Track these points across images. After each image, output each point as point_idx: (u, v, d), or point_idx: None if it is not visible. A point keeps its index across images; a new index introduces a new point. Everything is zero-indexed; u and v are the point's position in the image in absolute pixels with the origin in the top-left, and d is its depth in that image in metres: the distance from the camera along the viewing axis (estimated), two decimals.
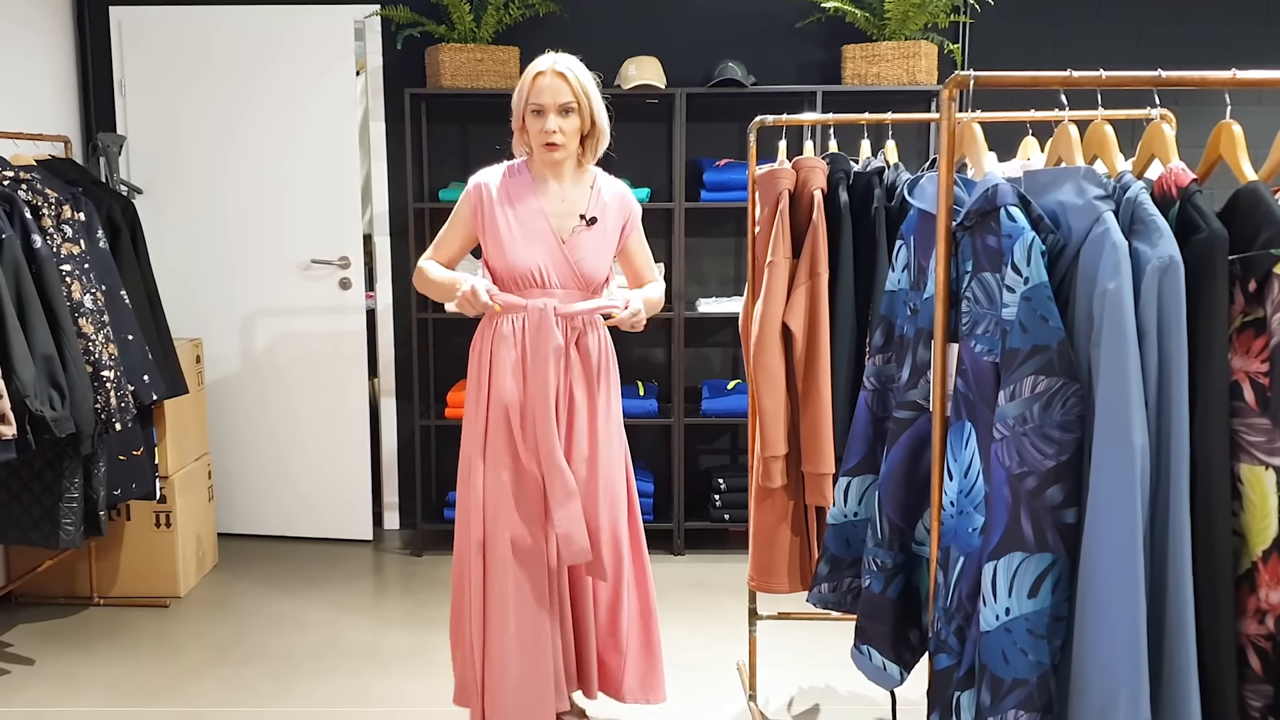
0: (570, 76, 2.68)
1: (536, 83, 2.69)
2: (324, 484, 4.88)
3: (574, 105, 2.69)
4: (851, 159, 3.05)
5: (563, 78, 2.68)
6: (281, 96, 4.67)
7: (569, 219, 2.80)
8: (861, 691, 3.39)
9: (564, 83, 2.67)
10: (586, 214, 2.80)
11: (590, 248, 2.80)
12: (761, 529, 3.06)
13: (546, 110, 2.68)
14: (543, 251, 2.76)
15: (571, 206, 2.81)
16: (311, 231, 4.73)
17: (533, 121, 2.71)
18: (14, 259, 3.20)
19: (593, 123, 2.75)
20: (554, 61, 2.70)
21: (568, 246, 2.78)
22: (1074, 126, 1.98)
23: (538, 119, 2.69)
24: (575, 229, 2.79)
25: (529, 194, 2.79)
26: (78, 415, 3.30)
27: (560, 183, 2.81)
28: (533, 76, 2.70)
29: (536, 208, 2.78)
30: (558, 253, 2.77)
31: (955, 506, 1.86)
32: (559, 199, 2.80)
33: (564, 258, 2.77)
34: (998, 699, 1.71)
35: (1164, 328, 1.67)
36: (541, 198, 2.79)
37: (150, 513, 4.19)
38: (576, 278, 2.78)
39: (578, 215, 2.80)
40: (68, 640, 3.83)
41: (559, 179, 2.81)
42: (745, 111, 4.29)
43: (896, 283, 2.17)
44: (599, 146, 2.82)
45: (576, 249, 2.79)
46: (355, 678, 3.52)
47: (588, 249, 2.80)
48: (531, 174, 2.81)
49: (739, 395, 4.65)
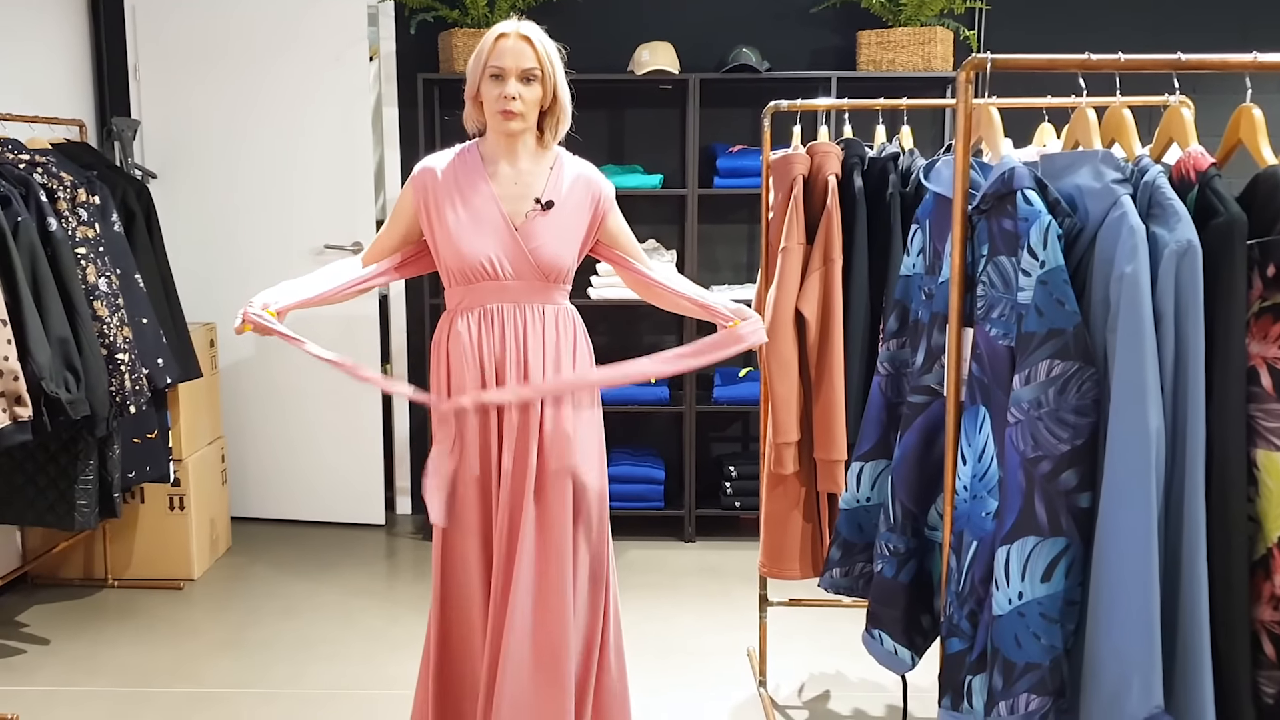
0: (535, 41, 2.43)
1: (498, 45, 2.42)
2: (337, 468, 4.89)
3: (537, 73, 2.43)
4: (866, 144, 3.04)
5: (527, 41, 2.42)
6: (295, 82, 4.67)
7: (523, 203, 2.51)
8: (872, 678, 3.39)
9: (528, 46, 2.42)
10: (542, 197, 2.51)
11: (548, 234, 2.51)
12: (773, 515, 3.06)
13: (506, 74, 2.41)
14: (493, 240, 2.48)
15: (525, 190, 2.52)
16: (324, 217, 4.74)
17: (489, 87, 2.43)
18: (30, 242, 3.21)
19: (554, 97, 2.49)
20: (519, 24, 2.46)
21: (521, 233, 2.49)
22: (1092, 110, 1.97)
23: (495, 84, 2.42)
24: (529, 213, 2.50)
25: (478, 178, 2.51)
26: (93, 398, 3.32)
27: (514, 164, 2.52)
28: (494, 38, 2.44)
29: (486, 193, 2.50)
30: (509, 241, 2.48)
31: (969, 491, 1.85)
32: (511, 182, 2.52)
33: (517, 246, 2.48)
34: (1010, 683, 1.71)
35: (1181, 312, 1.66)
36: (492, 181, 2.51)
37: (164, 496, 4.21)
38: (533, 268, 2.49)
39: (531, 199, 2.52)
40: (82, 622, 3.86)
41: (513, 160, 2.52)
42: (759, 97, 4.27)
43: (911, 267, 2.17)
44: (560, 125, 2.54)
45: (532, 236, 2.49)
46: (368, 661, 3.54)
47: (545, 236, 2.50)
48: (482, 155, 2.54)
49: (751, 383, 4.64)
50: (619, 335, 4.92)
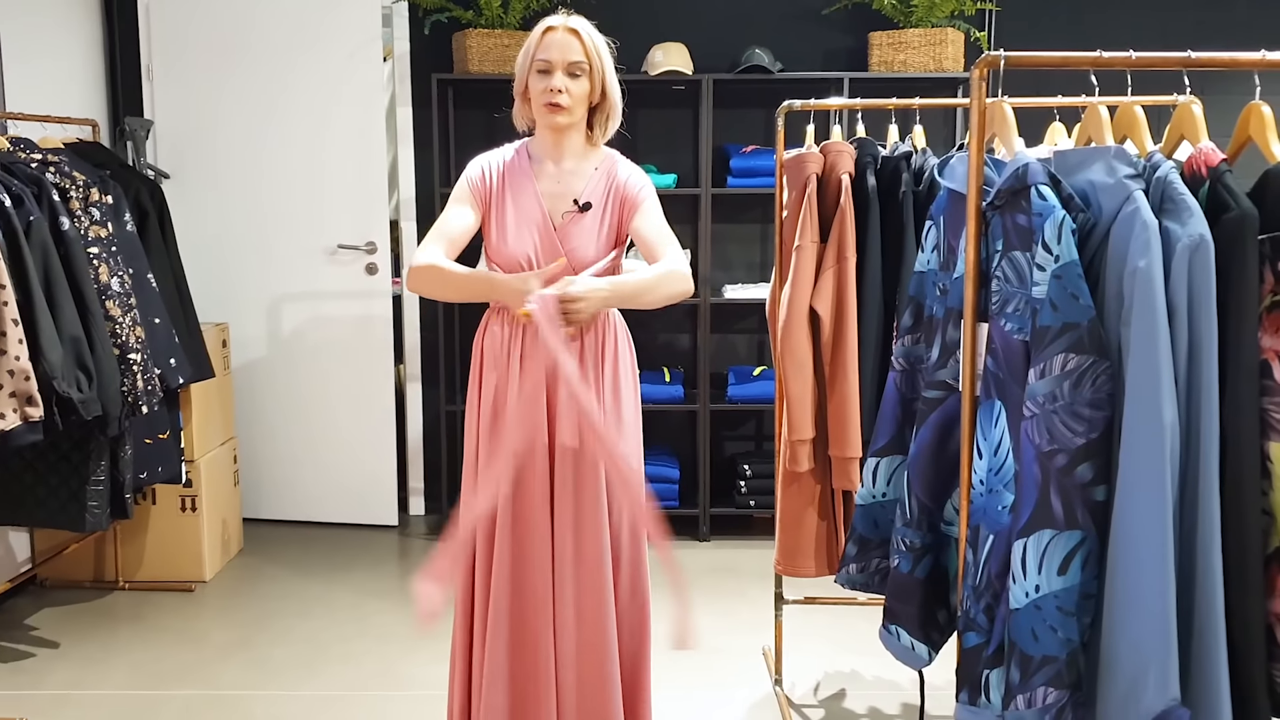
0: (584, 34, 2.42)
1: (546, 38, 2.42)
2: (350, 469, 4.90)
3: (584, 66, 2.41)
4: (879, 144, 3.05)
5: (575, 34, 2.41)
6: (308, 82, 4.69)
7: (563, 202, 2.52)
8: (887, 676, 3.39)
9: (576, 40, 2.41)
10: (580, 198, 2.51)
11: (584, 236, 2.50)
12: (788, 513, 3.06)
13: (554, 67, 2.39)
14: (534, 238, 2.49)
15: (568, 189, 2.52)
16: (338, 217, 4.75)
17: (536, 81, 2.42)
18: (42, 241, 3.22)
19: (604, 92, 2.48)
20: (567, 18, 2.45)
21: (560, 233, 2.49)
22: (1104, 108, 1.97)
23: (542, 78, 2.41)
24: (566, 214, 2.51)
25: (525, 177, 2.53)
26: (104, 398, 3.33)
27: (559, 163, 2.53)
28: (542, 31, 2.43)
29: (531, 191, 2.51)
30: (548, 240, 2.49)
31: (985, 485, 1.85)
32: (555, 181, 2.52)
33: (556, 245, 2.48)
34: (1027, 676, 1.71)
35: (1194, 306, 1.66)
36: (538, 180, 2.52)
37: (176, 497, 4.22)
38: (571, 268, 2.44)
39: (571, 199, 2.52)
40: (94, 623, 3.87)
41: (559, 158, 2.53)
42: (772, 98, 4.28)
43: (926, 263, 2.17)
44: (610, 123, 2.54)
45: (569, 236, 2.49)
46: (382, 662, 3.54)
47: (582, 237, 2.50)
48: (530, 156, 2.56)
49: (765, 381, 4.65)
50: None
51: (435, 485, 5.04)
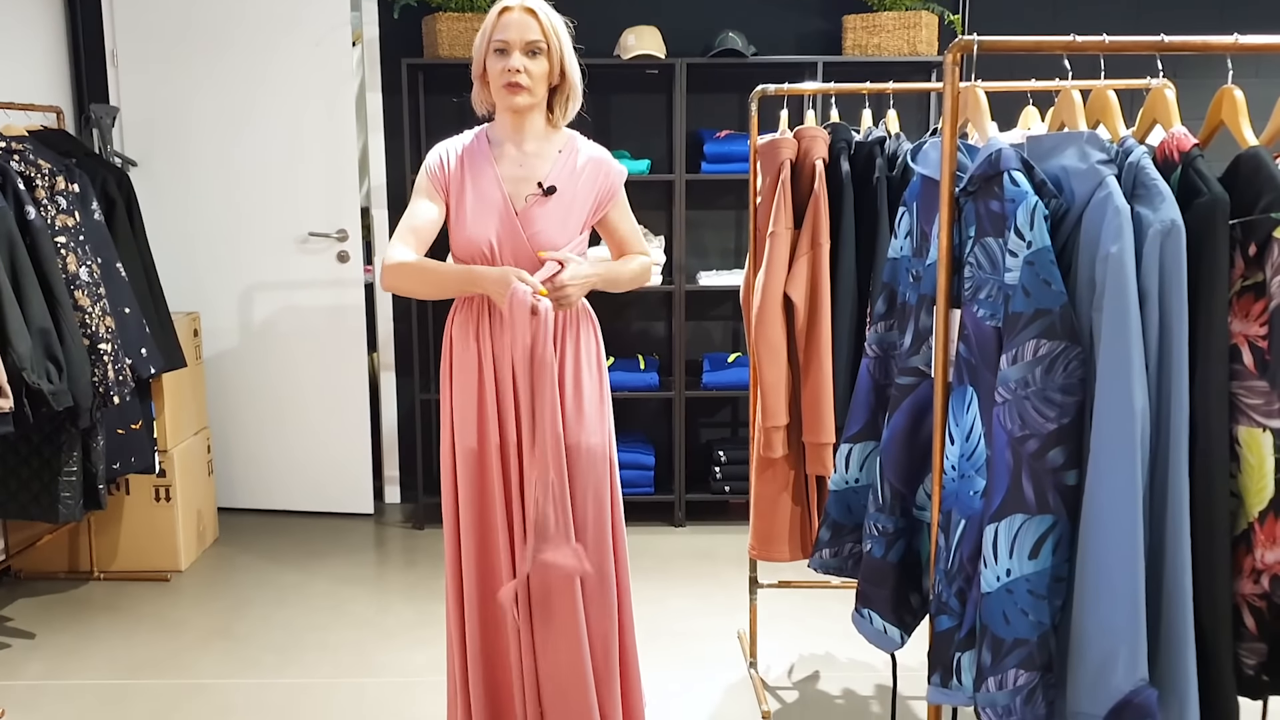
0: (540, 13, 2.41)
1: (502, 18, 2.40)
2: (324, 458, 4.88)
3: (542, 45, 2.40)
4: (853, 129, 3.05)
5: (531, 14, 2.40)
6: (276, 67, 4.64)
7: (526, 185, 2.48)
8: (861, 658, 3.41)
9: (532, 19, 2.39)
10: (545, 182, 2.48)
11: (549, 220, 2.47)
12: (763, 498, 3.07)
13: (511, 48, 2.38)
14: (495, 224, 2.44)
15: (530, 173, 2.49)
16: (308, 204, 4.72)
17: (494, 62, 2.41)
18: (7, 231, 3.19)
19: (563, 73, 2.45)
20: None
21: (521, 218, 2.45)
22: (1077, 92, 1.97)
23: (500, 59, 2.39)
24: (529, 197, 2.47)
25: (484, 161, 2.49)
26: (75, 389, 3.30)
27: (520, 147, 2.50)
28: (498, 12, 2.41)
29: (491, 175, 2.47)
30: (511, 225, 2.44)
31: (957, 470, 1.86)
32: (516, 164, 2.49)
33: (518, 230, 2.44)
34: (999, 658, 1.72)
35: (1165, 291, 1.68)
36: (498, 164, 2.49)
37: (150, 487, 4.19)
38: (531, 253, 2.44)
39: (534, 182, 2.48)
40: (69, 615, 3.84)
41: (520, 141, 2.50)
42: (745, 82, 4.26)
43: (899, 250, 2.17)
44: (570, 104, 2.51)
45: (531, 221, 2.45)
46: (359, 649, 3.54)
47: (546, 221, 2.46)
48: (490, 140, 2.53)
49: (739, 368, 4.65)
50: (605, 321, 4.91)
51: (410, 474, 5.03)
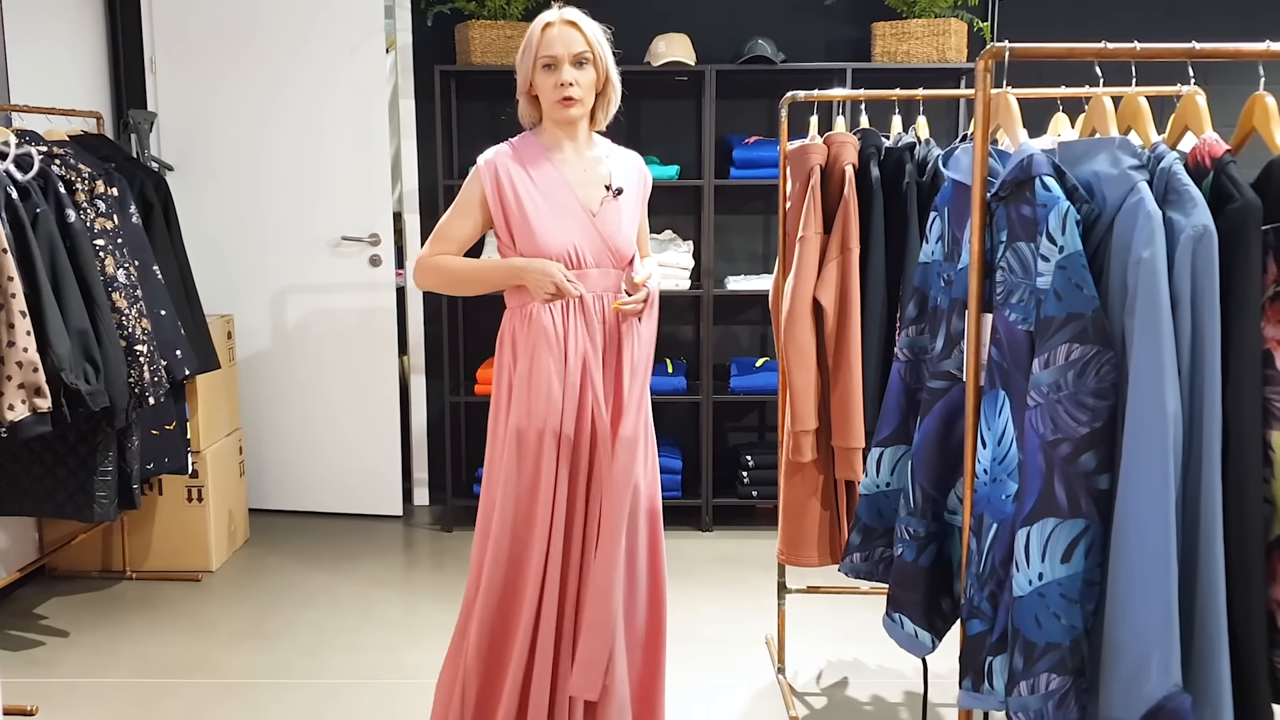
0: (583, 25, 2.46)
1: (546, 34, 2.43)
2: (355, 460, 4.92)
3: (588, 56, 2.44)
4: (883, 135, 3.05)
5: (574, 26, 2.44)
6: (312, 74, 4.70)
7: (593, 189, 2.53)
8: (890, 665, 3.41)
9: (576, 31, 2.44)
10: (612, 184, 2.54)
11: (620, 221, 2.54)
12: (791, 503, 3.08)
13: (560, 62, 2.42)
14: (575, 228, 2.49)
15: (593, 177, 2.54)
16: (342, 208, 4.77)
17: (544, 78, 2.45)
18: (49, 233, 3.24)
19: (606, 77, 2.50)
20: (561, 11, 2.48)
21: (598, 220, 2.51)
22: (1108, 98, 1.98)
23: (549, 74, 2.43)
24: (603, 200, 2.53)
25: (545, 165, 2.51)
26: (112, 389, 3.34)
27: (578, 152, 2.54)
28: (541, 28, 2.45)
29: (558, 179, 2.50)
30: (590, 228, 2.50)
31: (989, 474, 1.87)
32: (580, 169, 2.53)
33: (596, 233, 2.50)
34: (1030, 663, 1.72)
35: (1197, 296, 1.67)
36: (561, 168, 2.52)
37: (182, 487, 4.24)
38: (610, 254, 2.52)
39: (601, 185, 2.54)
40: (101, 613, 3.89)
41: (576, 147, 2.54)
42: (775, 89, 4.28)
43: (930, 254, 2.18)
44: (611, 106, 2.56)
45: (605, 223, 2.51)
46: (388, 651, 3.56)
47: (618, 222, 2.53)
48: (542, 144, 2.54)
49: (767, 372, 4.66)
50: None
51: (439, 476, 5.06)
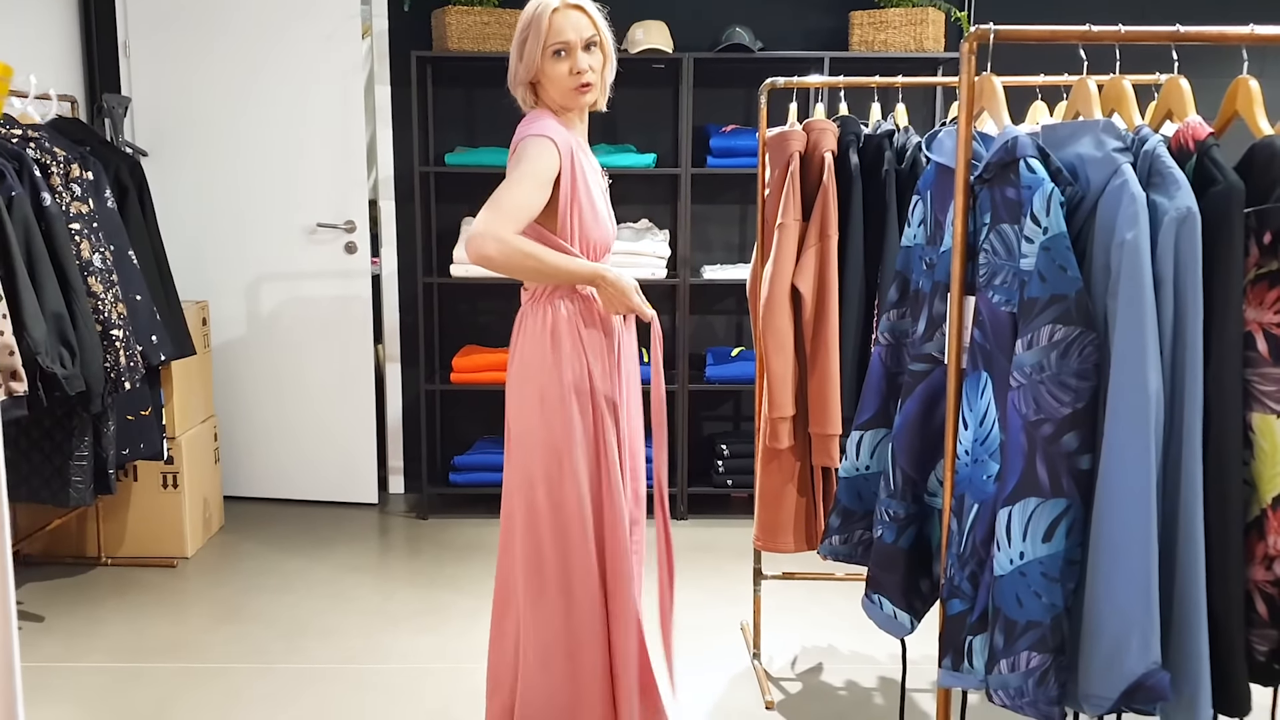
0: (587, 7, 2.36)
1: (555, 20, 2.31)
2: (330, 448, 4.90)
3: (597, 39, 2.36)
4: (862, 123, 3.07)
5: (580, 9, 2.35)
6: (287, 59, 4.66)
7: (598, 177, 2.49)
8: (864, 651, 3.43)
9: (584, 15, 2.35)
10: (603, 174, 2.53)
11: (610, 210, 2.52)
12: (768, 489, 3.09)
13: (573, 48, 2.31)
14: (607, 218, 2.46)
15: (595, 163, 2.50)
16: (317, 195, 4.74)
17: (555, 65, 2.32)
18: (24, 217, 3.20)
19: (608, 59, 2.41)
20: None
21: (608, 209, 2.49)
22: (1092, 82, 1.99)
23: (560, 61, 2.32)
24: (605, 188, 2.51)
25: (585, 155, 2.42)
26: (88, 373, 3.32)
27: (580, 136, 2.45)
28: (550, 13, 2.32)
29: (590, 166, 2.44)
30: (610, 218, 2.48)
31: (970, 455, 1.88)
32: (586, 154, 2.45)
33: (611, 223, 2.49)
34: (1011, 641, 1.74)
35: (1180, 278, 1.70)
36: (590, 156, 2.46)
37: (158, 473, 4.21)
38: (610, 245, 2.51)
39: (599, 173, 2.50)
40: (77, 599, 3.86)
41: (581, 131, 2.45)
42: (752, 77, 4.29)
43: (913, 238, 2.19)
44: (608, 89, 2.46)
45: (610, 212, 2.50)
46: (363, 635, 3.55)
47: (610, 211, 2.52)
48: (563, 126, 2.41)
49: (743, 362, 4.67)
50: None
51: (415, 464, 5.04)
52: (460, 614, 3.72)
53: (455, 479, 4.75)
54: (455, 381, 4.69)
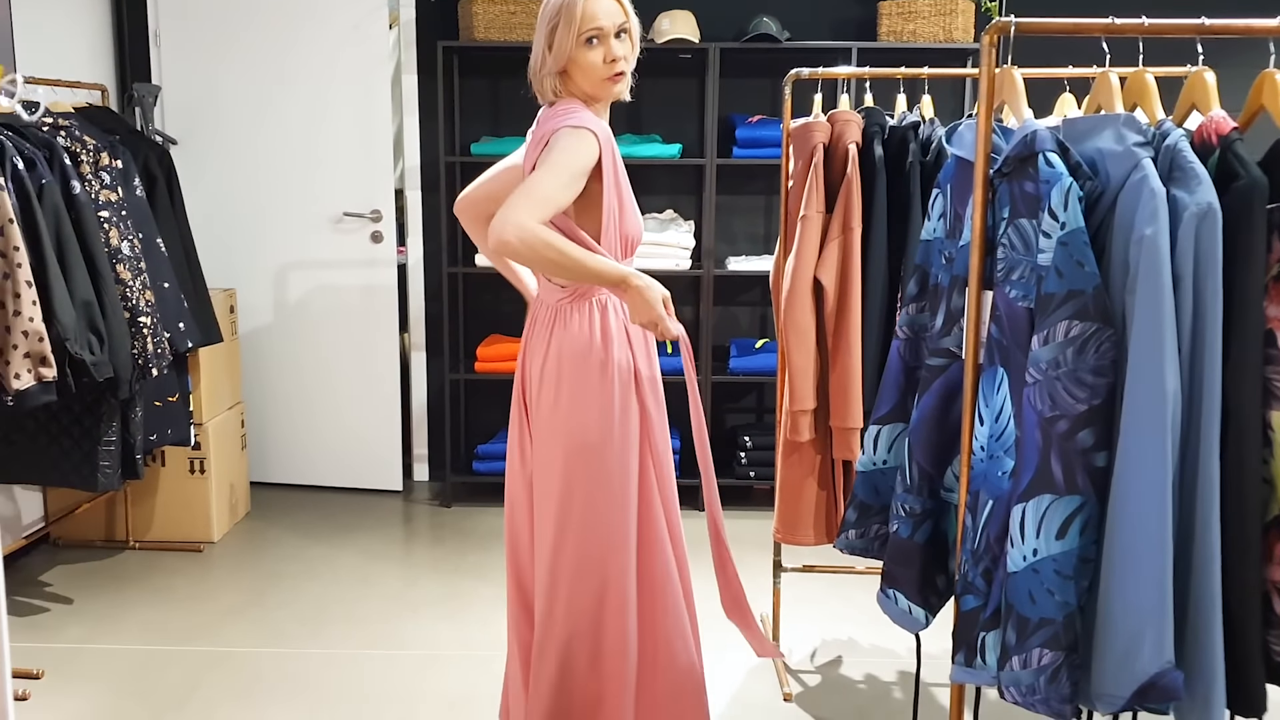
0: None
1: (588, 7, 2.22)
2: (355, 435, 4.93)
3: (628, 26, 2.28)
4: (887, 114, 3.05)
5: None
6: (314, 49, 4.68)
7: None
8: (883, 644, 3.42)
9: (615, 1, 2.27)
10: None
11: None
12: (788, 483, 3.08)
13: (606, 35, 2.23)
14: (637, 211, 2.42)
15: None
16: (344, 184, 4.76)
17: (588, 53, 2.23)
18: (54, 204, 3.24)
19: (635, 48, 2.33)
20: None
21: None
22: (1115, 75, 1.97)
23: (593, 49, 2.23)
24: None
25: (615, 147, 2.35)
26: (116, 360, 3.35)
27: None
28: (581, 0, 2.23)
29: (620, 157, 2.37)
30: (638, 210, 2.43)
31: (986, 451, 1.87)
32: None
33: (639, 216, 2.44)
34: (1023, 638, 1.73)
35: (1200, 274, 1.68)
36: None
37: (185, 459, 4.25)
38: None
39: None
40: (105, 582, 3.91)
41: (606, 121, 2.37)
42: (779, 67, 4.25)
43: (932, 232, 2.18)
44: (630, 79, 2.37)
45: None
46: (386, 622, 3.58)
47: None
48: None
49: (767, 354, 4.66)
50: None
51: (439, 452, 5.07)
52: (482, 601, 3.74)
53: (478, 467, 4.77)
54: (479, 371, 4.71)
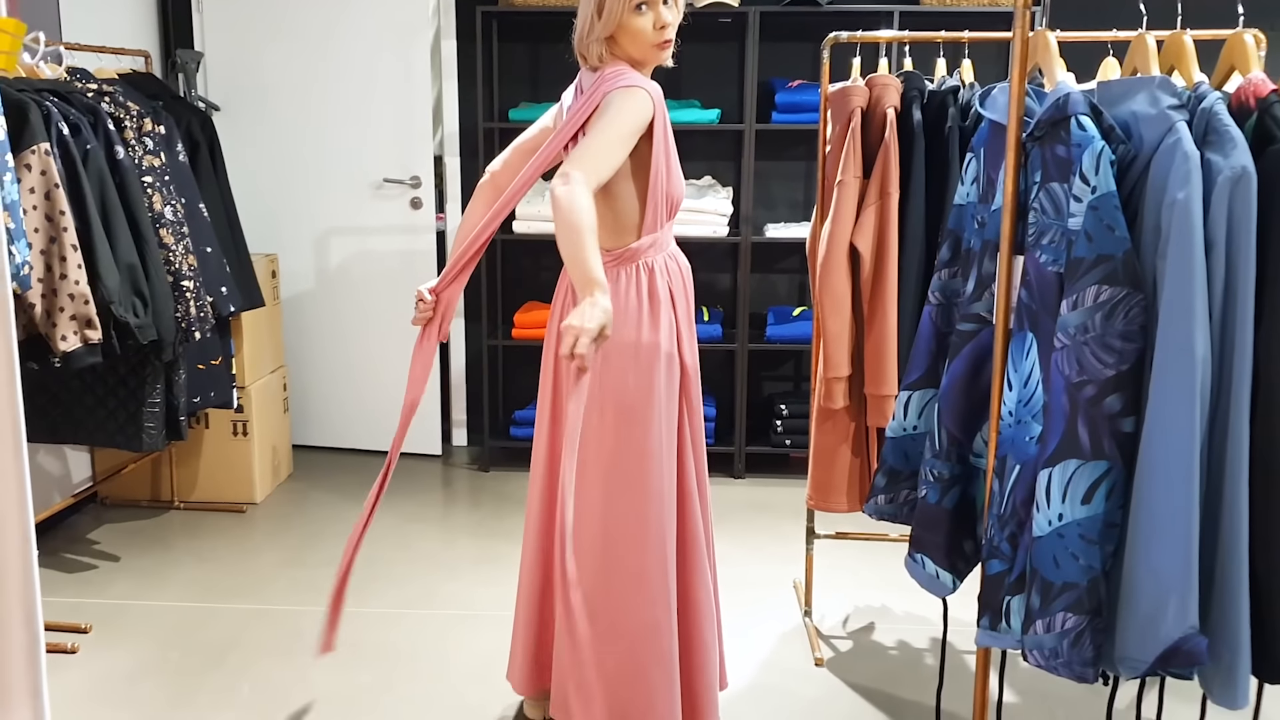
0: None
1: None
2: (395, 400, 4.98)
3: None
4: (926, 78, 3.02)
5: None
6: (354, 15, 4.70)
7: None
8: (915, 611, 3.43)
9: None
10: None
11: None
12: (822, 449, 3.08)
13: (655, 1, 2.21)
14: None
15: None
16: (384, 150, 4.79)
17: (638, 18, 2.21)
18: (99, 169, 3.29)
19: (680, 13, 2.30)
20: None
21: None
22: (1151, 38, 1.94)
23: (643, 15, 2.20)
24: None
25: None
26: (159, 323, 3.41)
27: None
28: None
29: None
30: None
31: (1014, 416, 1.87)
32: None
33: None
34: (1047, 602, 1.73)
35: (1233, 240, 1.66)
36: None
37: (228, 422, 4.33)
38: None
39: None
40: (150, 540, 4.00)
41: None
42: (820, 31, 4.23)
43: (965, 196, 2.16)
44: None
45: None
46: (425, 582, 3.64)
47: None
48: None
49: (804, 322, 4.65)
50: None
51: (477, 417, 5.12)
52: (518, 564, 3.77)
53: (515, 433, 4.81)
54: (516, 337, 4.74)
